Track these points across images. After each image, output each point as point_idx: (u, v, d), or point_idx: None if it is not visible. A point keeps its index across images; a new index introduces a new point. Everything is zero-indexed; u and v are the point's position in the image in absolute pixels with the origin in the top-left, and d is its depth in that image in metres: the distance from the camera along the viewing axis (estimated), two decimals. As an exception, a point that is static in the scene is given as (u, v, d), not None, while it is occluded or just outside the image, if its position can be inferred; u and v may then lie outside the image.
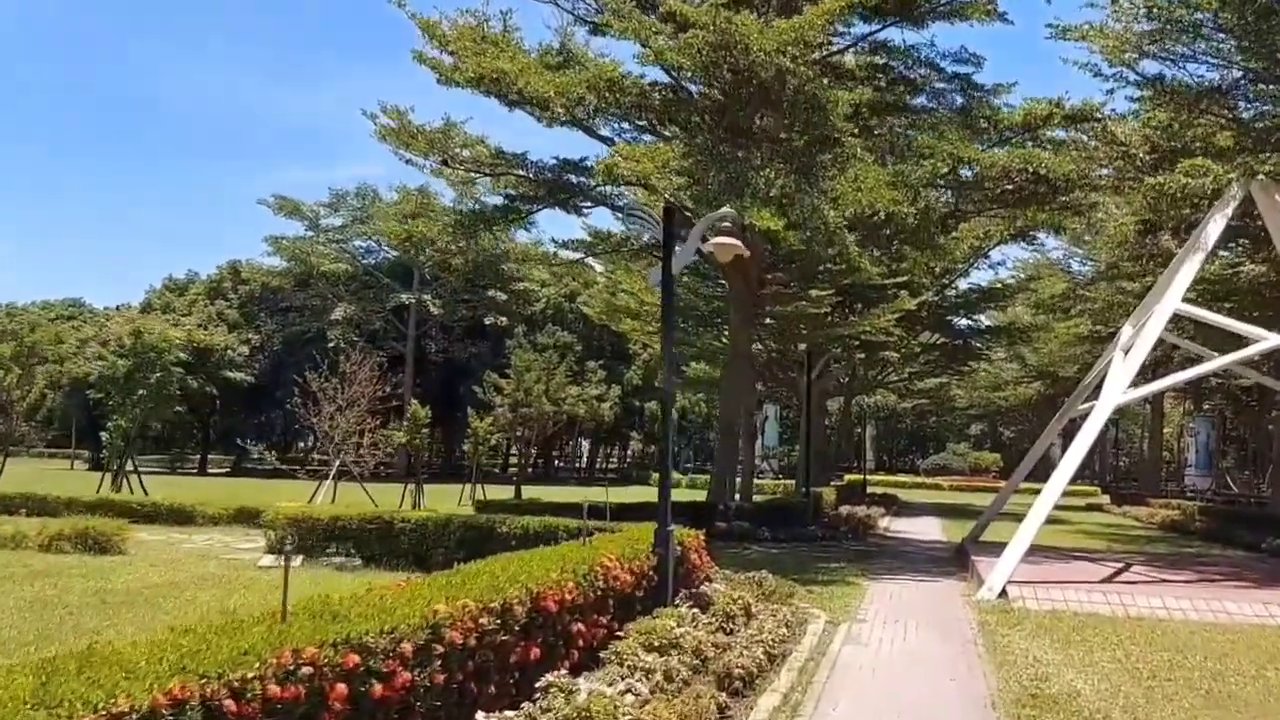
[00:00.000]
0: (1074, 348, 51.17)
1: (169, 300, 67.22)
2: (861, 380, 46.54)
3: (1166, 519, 35.51)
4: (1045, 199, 20.63)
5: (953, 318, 40.69)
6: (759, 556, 18.39)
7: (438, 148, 21.19)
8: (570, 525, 14.00)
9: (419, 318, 62.92)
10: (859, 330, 27.77)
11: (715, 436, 23.21)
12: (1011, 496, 22.79)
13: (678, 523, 20.72)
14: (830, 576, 15.62)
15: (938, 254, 23.13)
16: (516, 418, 43.47)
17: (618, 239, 24.39)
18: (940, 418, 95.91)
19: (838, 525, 23.59)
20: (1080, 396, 18.97)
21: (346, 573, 14.55)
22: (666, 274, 10.77)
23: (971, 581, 15.50)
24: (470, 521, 14.88)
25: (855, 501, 34.02)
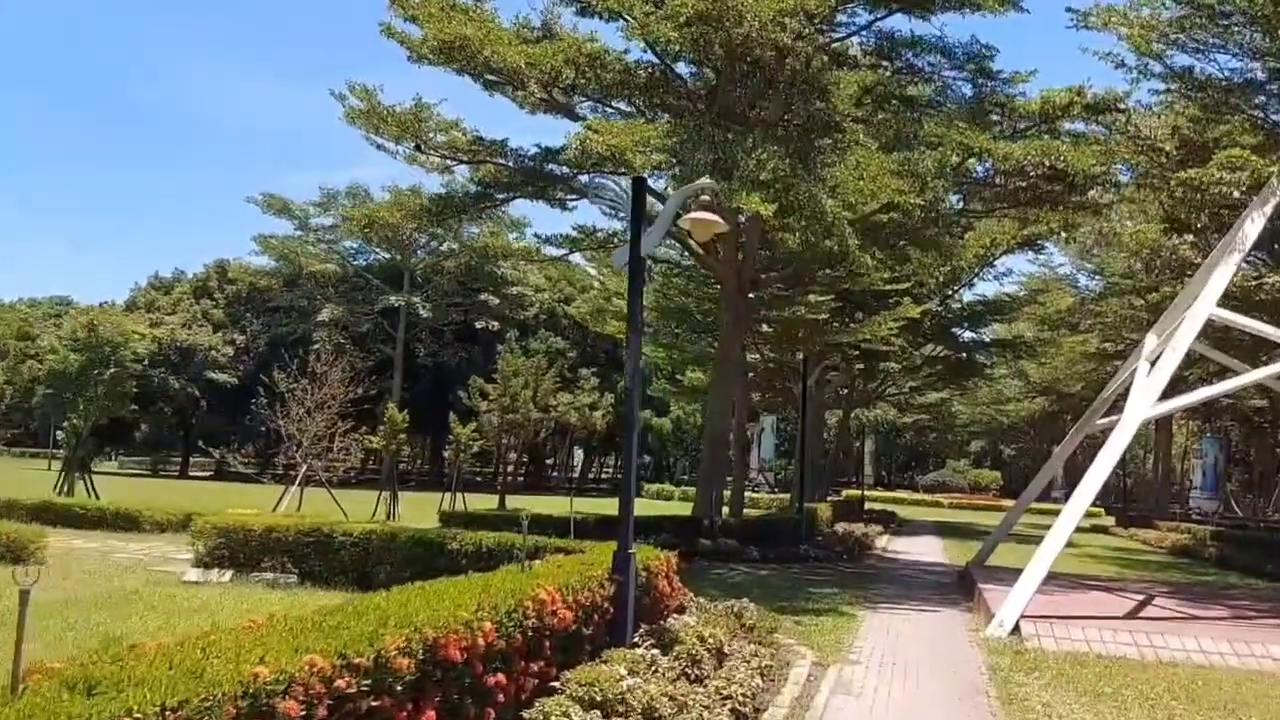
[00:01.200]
0: (1080, 364, 49.72)
1: (153, 298, 65.73)
2: (861, 392, 44.99)
3: (1177, 543, 33.99)
4: (1060, 198, 19.11)
5: (957, 330, 39.16)
6: (745, 579, 16.83)
7: (410, 131, 19.67)
8: (527, 543, 12.45)
9: (409, 321, 61.39)
10: (859, 338, 26.25)
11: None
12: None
13: (658, 540, 19.18)
14: (821, 604, 14.05)
15: (944, 255, 21.62)
16: (503, 424, 42.02)
17: (604, 235, 22.88)
18: (940, 434, 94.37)
19: (833, 544, 22.02)
20: (1099, 411, 17.43)
21: (278, 591, 13.00)
22: (634, 254, 9.24)
23: (979, 613, 13.93)
24: (419, 536, 13.33)
25: (853, 518, 32.44)
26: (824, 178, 14.49)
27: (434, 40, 15.68)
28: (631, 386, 9.29)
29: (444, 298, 61.87)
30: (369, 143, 20.76)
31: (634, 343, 9.24)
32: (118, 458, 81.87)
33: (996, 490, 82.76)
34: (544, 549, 12.19)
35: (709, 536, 19.64)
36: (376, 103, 19.46)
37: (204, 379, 61.31)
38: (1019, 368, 54.86)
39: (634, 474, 9.34)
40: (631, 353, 9.24)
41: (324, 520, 14.50)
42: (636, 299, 9.30)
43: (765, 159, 13.48)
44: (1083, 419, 17.87)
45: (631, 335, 9.28)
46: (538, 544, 12.36)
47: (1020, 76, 18.59)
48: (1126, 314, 37.14)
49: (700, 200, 9.29)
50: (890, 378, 40.17)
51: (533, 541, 12.51)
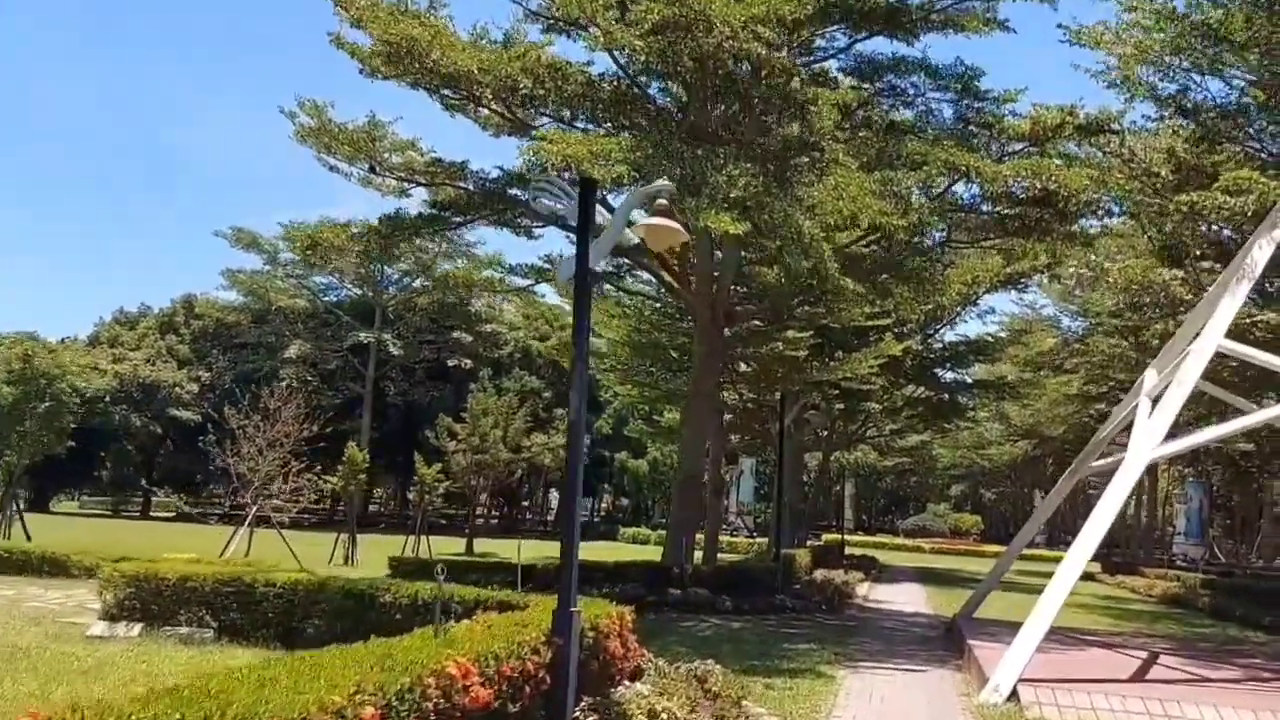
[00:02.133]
0: (1062, 406, 48.84)
1: (117, 334, 64.08)
2: (841, 434, 43.84)
3: (1166, 591, 32.86)
4: (1049, 227, 18.10)
5: (938, 370, 38.17)
6: (715, 632, 15.51)
7: (363, 151, 18.56)
8: (466, 596, 11.14)
9: (379, 358, 59.99)
10: (840, 376, 25.13)
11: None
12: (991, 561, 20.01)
13: (623, 590, 17.81)
14: (797, 663, 12.74)
15: (927, 289, 20.56)
16: (471, 465, 40.60)
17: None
18: (921, 477, 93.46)
19: (811, 594, 20.71)
20: (1094, 453, 16.30)
21: (189, 649, 11.58)
22: (581, 267, 8.07)
23: (970, 673, 12.67)
24: (349, 587, 11.98)
25: (832, 564, 31.11)
26: (801, 198, 13.41)
27: (381, 45, 14.58)
28: (577, 419, 8.06)
29: (416, 335, 60.61)
30: (322, 165, 19.63)
31: (579, 370, 8.03)
32: (80, 497, 79.73)
33: (977, 535, 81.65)
34: (483, 603, 10.86)
35: (679, 586, 18.31)
36: (327, 120, 18.37)
37: (167, 416, 59.61)
38: (1000, 410, 54.02)
39: (577, 518, 8.10)
40: (577, 379, 8.03)
41: (246, 569, 13.12)
42: (583, 318, 8.10)
43: (736, 175, 12.39)
44: (1076, 461, 16.74)
45: (577, 361, 8.07)
46: (477, 598, 11.05)
47: (1009, 95, 17.65)
48: (1114, 353, 36.22)
49: (658, 205, 8.13)
50: (871, 419, 39.07)
51: (473, 595, 11.21)
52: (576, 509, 8.03)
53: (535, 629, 7.54)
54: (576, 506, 8.02)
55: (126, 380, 58.76)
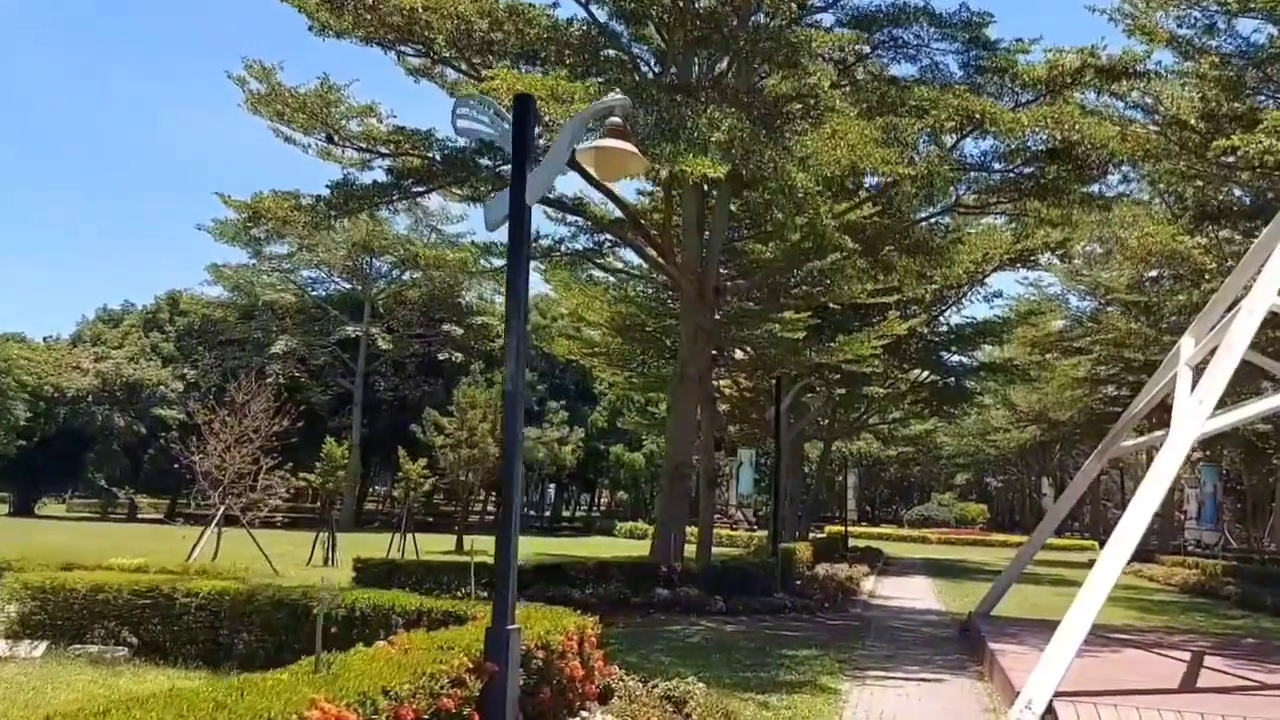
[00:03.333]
0: (1071, 390, 47.32)
1: (100, 332, 62.50)
2: (842, 423, 42.27)
3: (1187, 580, 31.42)
4: (1065, 187, 16.53)
5: (944, 354, 36.54)
6: (705, 637, 13.99)
7: (319, 119, 16.97)
8: (409, 606, 9.60)
9: (369, 353, 58.50)
10: (840, 358, 23.54)
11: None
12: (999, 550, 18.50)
13: (607, 591, 16.27)
14: (796, 673, 11.21)
15: (932, 261, 19.03)
16: (459, 460, 39.09)
17: (549, 242, 20.20)
18: (925, 467, 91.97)
19: (813, 590, 19.20)
20: (1125, 430, 14.74)
21: (98, 670, 10.05)
22: (516, 202, 6.52)
23: (992, 683, 11.14)
24: (280, 597, 10.43)
25: (835, 558, 29.59)
26: (792, 148, 11.88)
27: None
28: (513, 391, 6.52)
29: (405, 329, 59.11)
30: (277, 136, 18.03)
31: (516, 328, 6.49)
32: (68, 500, 78.19)
33: (983, 524, 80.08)
34: (426, 613, 9.34)
35: (667, 585, 16.79)
36: (277, 84, 16.78)
37: (151, 416, 58.04)
38: (1005, 396, 52.42)
39: (517, 513, 6.56)
40: (513, 338, 6.49)
41: (167, 577, 11.58)
42: (520, 266, 6.57)
43: (720, 119, 10.86)
44: (1105, 441, 15.18)
45: (512, 319, 6.53)
46: (420, 608, 9.52)
47: (1021, 46, 16.03)
48: (1129, 330, 34.66)
49: (610, 125, 6.58)
50: (873, 405, 37.48)
51: (415, 604, 9.68)
52: (517, 500, 6.50)
53: (463, 652, 6.02)
54: (517, 497, 6.50)
55: (109, 379, 57.24)
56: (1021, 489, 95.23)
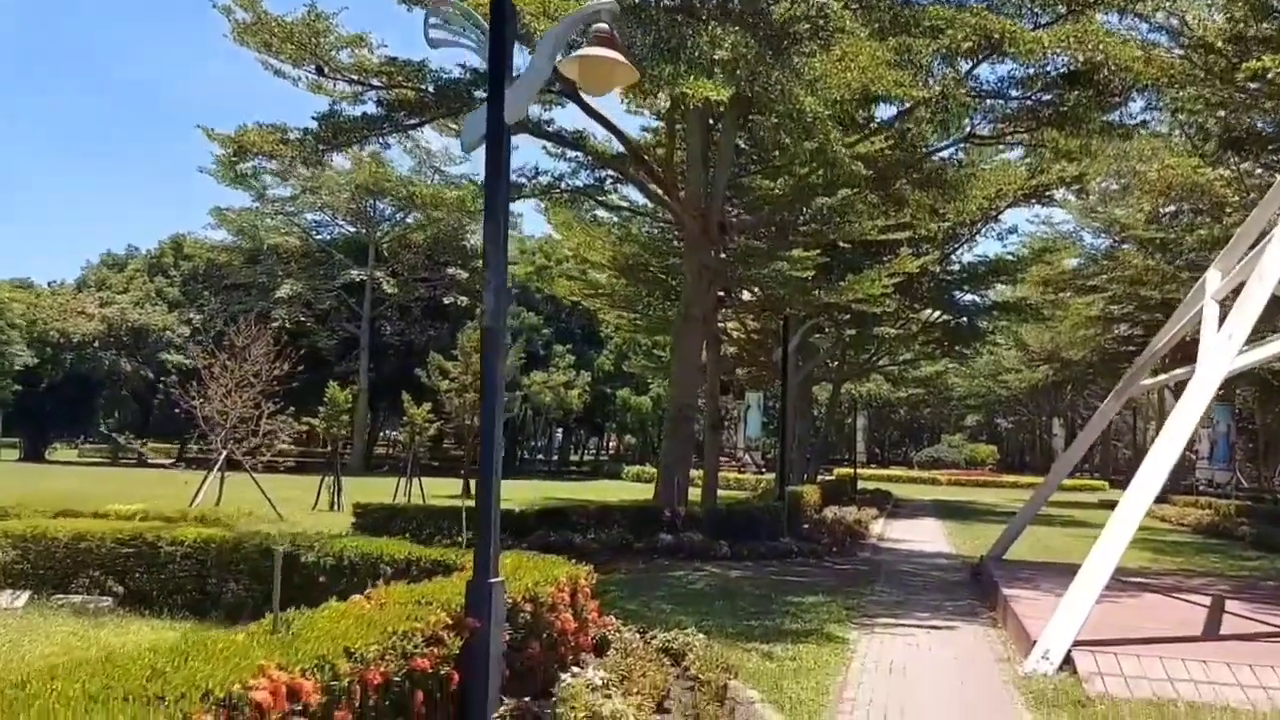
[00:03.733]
0: (1084, 329, 46.66)
1: (105, 277, 62.10)
2: (852, 365, 41.76)
3: (1200, 520, 31.03)
4: (1086, 115, 15.79)
5: (956, 293, 35.86)
6: (709, 584, 13.63)
7: (308, 50, 16.29)
8: (397, 555, 9.20)
9: (375, 298, 58.02)
10: (851, 297, 22.94)
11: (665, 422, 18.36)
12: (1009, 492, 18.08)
13: (609, 536, 15.92)
14: (802, 622, 10.83)
15: (946, 194, 18.35)
16: (464, 404, 38.75)
17: (549, 178, 19.56)
18: (935, 408, 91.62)
19: (820, 534, 18.85)
20: (1147, 367, 14.20)
21: (81, 620, 9.73)
22: (494, 119, 5.96)
23: (1006, 631, 10.76)
24: (267, 545, 10.05)
25: (843, 501, 29.32)
26: (800, 71, 11.22)
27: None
28: (493, 323, 6.01)
29: (410, 273, 58.54)
30: (267, 69, 17.34)
31: (494, 259, 5.97)
32: (80, 446, 78.46)
33: (993, 465, 79.84)
34: (415, 562, 8.95)
35: (670, 530, 16.43)
36: (263, 13, 16.08)
37: (158, 361, 57.84)
38: (1017, 336, 51.77)
39: (497, 453, 6.09)
40: (493, 270, 5.97)
41: (150, 525, 11.22)
42: (498, 192, 6.01)
43: (722, 36, 10.21)
44: (1125, 380, 14.65)
45: (490, 247, 6.01)
46: (409, 556, 9.12)
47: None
48: (1145, 266, 33.92)
49: (596, 32, 5.99)
50: (884, 346, 36.91)
51: (404, 553, 9.28)
52: (496, 442, 6.02)
53: (442, 608, 5.60)
54: (495, 439, 6.02)
55: (114, 324, 56.95)
56: (1032, 430, 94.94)
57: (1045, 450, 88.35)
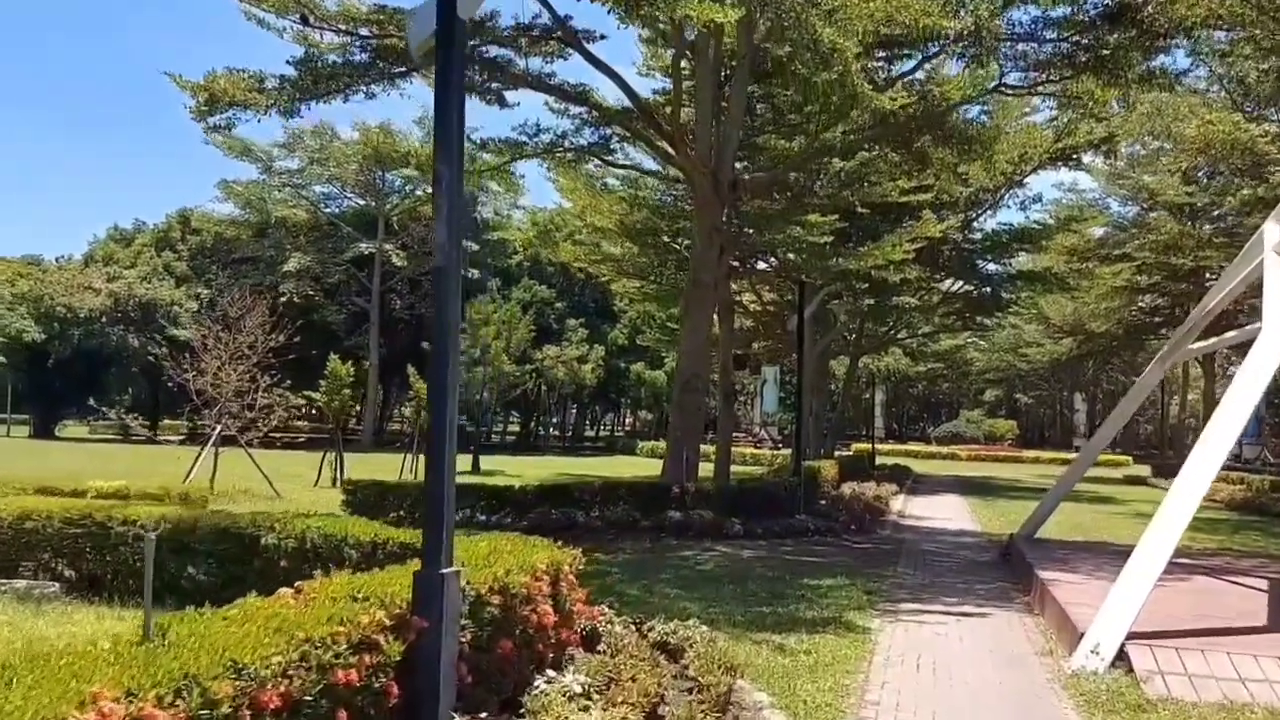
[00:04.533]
0: (1110, 300, 45.30)
1: (112, 252, 61.41)
2: (870, 338, 40.57)
3: (1234, 496, 29.80)
4: (1126, 59, 14.60)
5: (979, 262, 34.59)
6: (719, 564, 12.65)
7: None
8: (363, 538, 8.23)
9: (385, 271, 57.13)
10: (870, 263, 21.82)
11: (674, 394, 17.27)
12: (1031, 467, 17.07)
13: (614, 514, 14.95)
14: (818, 608, 9.84)
15: (973, 151, 17.20)
16: (473, 378, 37.95)
17: (551, 136, 18.49)
18: (954, 383, 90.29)
19: (838, 512, 17.81)
20: (1195, 330, 13.06)
21: (24, 607, 8.83)
22: (446, 16, 4.93)
23: (1043, 615, 9.75)
24: (229, 527, 9.11)
25: (862, 477, 28.25)
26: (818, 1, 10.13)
27: None
28: (445, 261, 5.00)
29: (421, 245, 57.55)
30: (248, 19, 16.27)
31: (446, 180, 4.95)
32: (92, 422, 78.08)
33: (1012, 440, 78.47)
34: (381, 545, 7.99)
35: (679, 507, 15.46)
36: (243, -45, 15.02)
37: (166, 336, 57.13)
38: (1039, 309, 50.40)
39: (452, 428, 5.08)
40: (443, 197, 4.96)
41: (101, 504, 10.29)
42: (450, 104, 4.98)
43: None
44: (1170, 345, 13.54)
45: (441, 168, 4.98)
46: (375, 538, 8.16)
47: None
48: (1181, 232, 32.59)
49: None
50: (903, 317, 35.71)
51: (370, 534, 8.33)
52: (450, 405, 5.02)
53: (382, 605, 4.63)
54: (450, 402, 5.02)
55: (122, 299, 56.25)
56: (1052, 405, 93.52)
57: (1065, 425, 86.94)
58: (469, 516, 15.66)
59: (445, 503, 4.93)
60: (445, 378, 4.99)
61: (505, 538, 7.37)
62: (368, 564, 7.75)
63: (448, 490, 4.95)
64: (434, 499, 4.94)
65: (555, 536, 15.14)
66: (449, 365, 4.99)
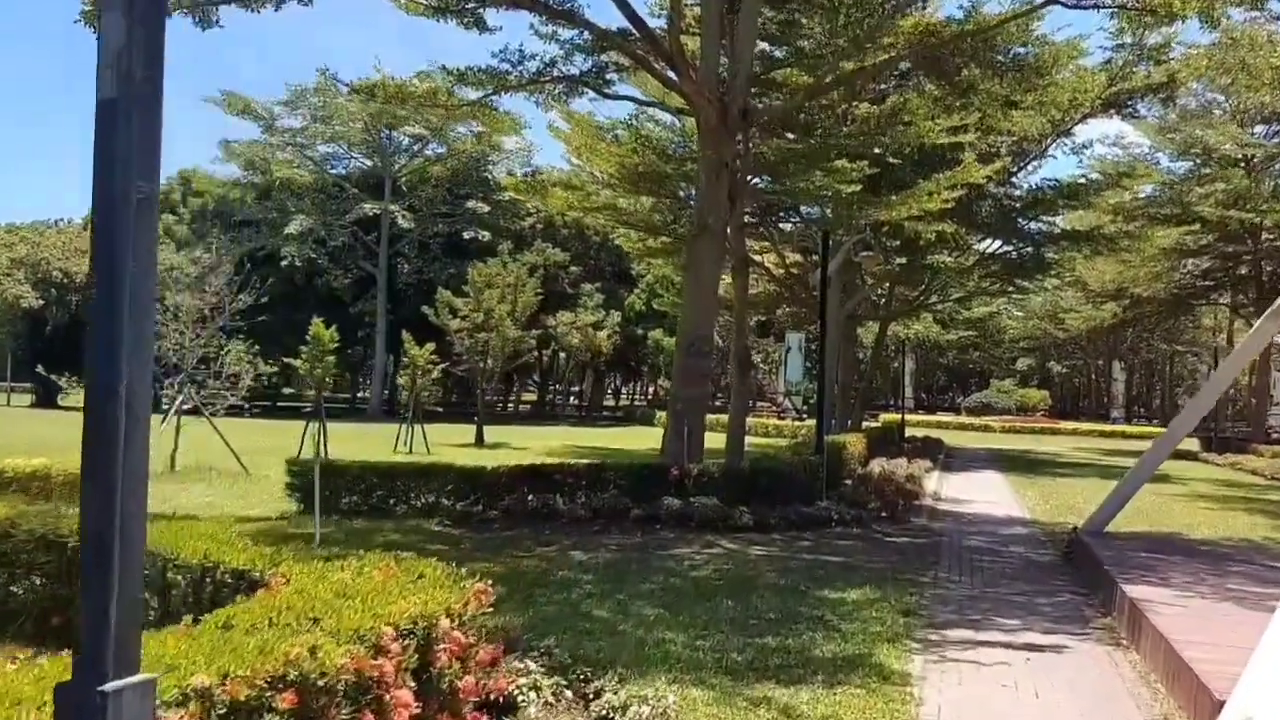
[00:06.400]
0: (1159, 263, 42.41)
1: (113, 215, 59.34)
2: (901, 302, 37.89)
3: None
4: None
5: (1020, 220, 31.79)
6: (716, 569, 10.31)
7: None
8: (190, 560, 5.92)
9: (392, 234, 54.90)
10: (905, 213, 19.29)
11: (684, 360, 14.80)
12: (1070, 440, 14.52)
13: (604, 500, 12.69)
14: (839, 638, 7.48)
15: (1024, 79, 14.65)
16: (475, 344, 35.66)
17: (537, 65, 16.02)
18: (985, 352, 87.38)
19: (865, 496, 15.41)
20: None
21: None
22: None
23: (1135, 650, 7.37)
24: (46, 533, 6.83)
25: (891, 451, 25.84)
26: None
27: None
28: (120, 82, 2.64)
29: (428, 207, 55.30)
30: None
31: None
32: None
33: (1045, 411, 75.57)
34: (210, 571, 5.67)
35: (679, 493, 13.12)
36: None
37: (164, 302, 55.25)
38: (1077, 275, 47.54)
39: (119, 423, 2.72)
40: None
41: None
42: None
43: None
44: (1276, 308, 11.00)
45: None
46: (204, 562, 5.83)
47: None
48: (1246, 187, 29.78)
49: None
50: (937, 279, 33.00)
51: (198, 556, 6.01)
52: (122, 383, 2.67)
53: None
54: (122, 377, 2.67)
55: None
56: (1086, 374, 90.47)
57: (1100, 395, 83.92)
58: (433, 504, 13.45)
59: (116, 556, 2.58)
60: (113, 334, 2.64)
61: (381, 561, 5.06)
62: (196, 595, 5.48)
63: (125, 532, 2.60)
64: (95, 547, 2.59)
65: (533, 527, 12.81)
66: (122, 314, 2.64)
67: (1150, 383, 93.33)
